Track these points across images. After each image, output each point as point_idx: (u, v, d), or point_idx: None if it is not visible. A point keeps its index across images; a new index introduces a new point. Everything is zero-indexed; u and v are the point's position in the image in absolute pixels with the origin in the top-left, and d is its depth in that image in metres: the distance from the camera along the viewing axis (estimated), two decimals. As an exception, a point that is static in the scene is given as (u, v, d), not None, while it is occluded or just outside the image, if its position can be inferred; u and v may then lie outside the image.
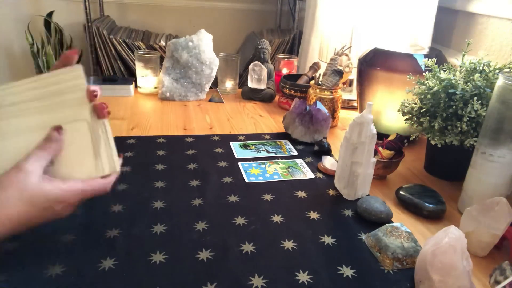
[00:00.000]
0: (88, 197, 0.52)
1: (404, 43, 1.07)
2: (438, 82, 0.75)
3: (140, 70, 1.23)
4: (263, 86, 1.23)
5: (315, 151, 0.92)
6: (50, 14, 1.87)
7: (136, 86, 1.27)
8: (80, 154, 0.54)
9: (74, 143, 0.53)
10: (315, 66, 1.23)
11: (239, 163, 0.84)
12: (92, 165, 0.54)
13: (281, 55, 1.39)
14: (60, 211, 0.50)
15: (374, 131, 0.69)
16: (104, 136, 0.55)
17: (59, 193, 0.49)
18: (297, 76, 1.25)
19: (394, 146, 0.83)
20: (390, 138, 0.85)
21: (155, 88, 1.26)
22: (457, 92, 0.72)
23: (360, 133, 0.68)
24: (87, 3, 1.65)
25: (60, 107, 0.52)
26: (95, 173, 0.54)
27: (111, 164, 0.55)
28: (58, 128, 0.52)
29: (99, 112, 0.54)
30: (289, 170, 0.82)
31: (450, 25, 1.18)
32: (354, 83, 1.25)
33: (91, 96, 0.52)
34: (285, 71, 1.36)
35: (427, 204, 0.69)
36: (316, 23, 1.50)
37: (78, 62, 0.53)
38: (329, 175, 0.81)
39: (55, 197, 0.49)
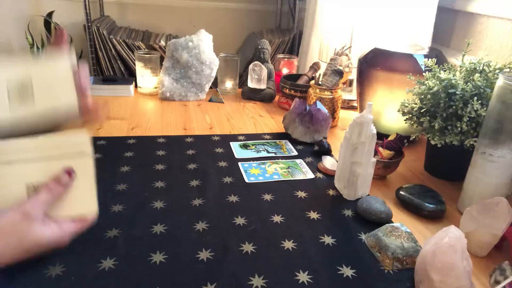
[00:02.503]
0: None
1: (404, 43, 1.07)
2: (438, 82, 0.75)
3: (140, 70, 1.23)
4: (263, 86, 1.23)
5: (315, 151, 0.92)
6: (50, 14, 1.87)
7: (136, 86, 1.27)
8: (80, 194, 0.53)
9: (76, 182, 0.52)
10: (315, 66, 1.23)
11: (239, 163, 0.84)
12: (87, 204, 0.53)
13: (281, 55, 1.39)
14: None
15: (374, 131, 0.69)
16: (92, 172, 0.54)
17: (56, 238, 0.50)
18: (297, 76, 1.25)
19: (394, 146, 0.83)
20: (390, 138, 0.85)
21: (155, 88, 1.26)
22: (457, 92, 0.72)
23: (360, 133, 0.68)
24: (87, 3, 1.65)
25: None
26: (88, 210, 0.54)
27: (92, 203, 0.54)
28: (70, 172, 0.51)
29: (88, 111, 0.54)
30: (289, 170, 0.82)
31: (450, 25, 1.18)
32: (354, 83, 1.25)
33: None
34: (285, 71, 1.36)
35: (427, 204, 0.69)
36: (316, 23, 1.50)
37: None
38: (329, 175, 0.81)
39: (52, 242, 0.50)
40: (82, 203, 0.53)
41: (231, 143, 0.94)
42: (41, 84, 0.50)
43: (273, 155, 0.89)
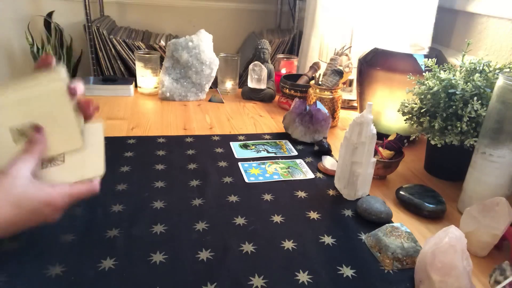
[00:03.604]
0: (77, 200, 0.52)
1: (404, 43, 1.07)
2: (438, 82, 0.75)
3: (140, 70, 1.23)
4: (263, 86, 1.23)
5: (315, 151, 0.92)
6: (50, 14, 1.87)
7: (136, 86, 1.27)
8: (71, 159, 0.53)
9: (67, 148, 0.53)
10: (315, 66, 1.23)
11: (239, 163, 0.84)
12: (82, 168, 0.54)
13: (281, 55, 1.39)
14: (49, 215, 0.50)
15: (374, 131, 0.69)
16: (95, 139, 0.54)
17: (47, 196, 0.49)
18: (297, 76, 1.25)
19: (394, 146, 0.83)
20: (390, 138, 0.85)
21: (155, 88, 1.26)
22: (457, 92, 0.72)
23: (360, 133, 0.68)
24: (87, 3, 1.65)
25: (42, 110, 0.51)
26: (83, 177, 0.54)
27: (100, 166, 0.55)
28: (37, 129, 0.51)
29: (85, 110, 0.53)
30: (289, 170, 0.82)
31: (450, 25, 1.18)
32: (354, 83, 1.25)
33: (70, 93, 0.51)
34: (285, 71, 1.36)
35: (427, 204, 0.69)
36: (316, 23, 1.50)
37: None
38: (329, 175, 0.81)
39: (43, 200, 0.48)
40: (72, 168, 0.53)
41: (231, 143, 0.94)
42: (41, 119, 0.52)
43: (273, 155, 0.89)
